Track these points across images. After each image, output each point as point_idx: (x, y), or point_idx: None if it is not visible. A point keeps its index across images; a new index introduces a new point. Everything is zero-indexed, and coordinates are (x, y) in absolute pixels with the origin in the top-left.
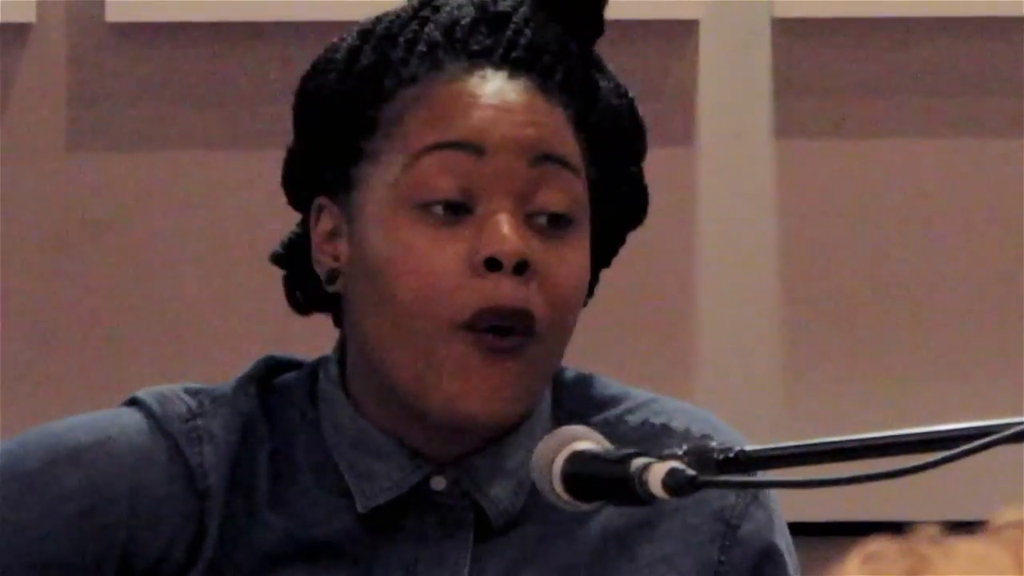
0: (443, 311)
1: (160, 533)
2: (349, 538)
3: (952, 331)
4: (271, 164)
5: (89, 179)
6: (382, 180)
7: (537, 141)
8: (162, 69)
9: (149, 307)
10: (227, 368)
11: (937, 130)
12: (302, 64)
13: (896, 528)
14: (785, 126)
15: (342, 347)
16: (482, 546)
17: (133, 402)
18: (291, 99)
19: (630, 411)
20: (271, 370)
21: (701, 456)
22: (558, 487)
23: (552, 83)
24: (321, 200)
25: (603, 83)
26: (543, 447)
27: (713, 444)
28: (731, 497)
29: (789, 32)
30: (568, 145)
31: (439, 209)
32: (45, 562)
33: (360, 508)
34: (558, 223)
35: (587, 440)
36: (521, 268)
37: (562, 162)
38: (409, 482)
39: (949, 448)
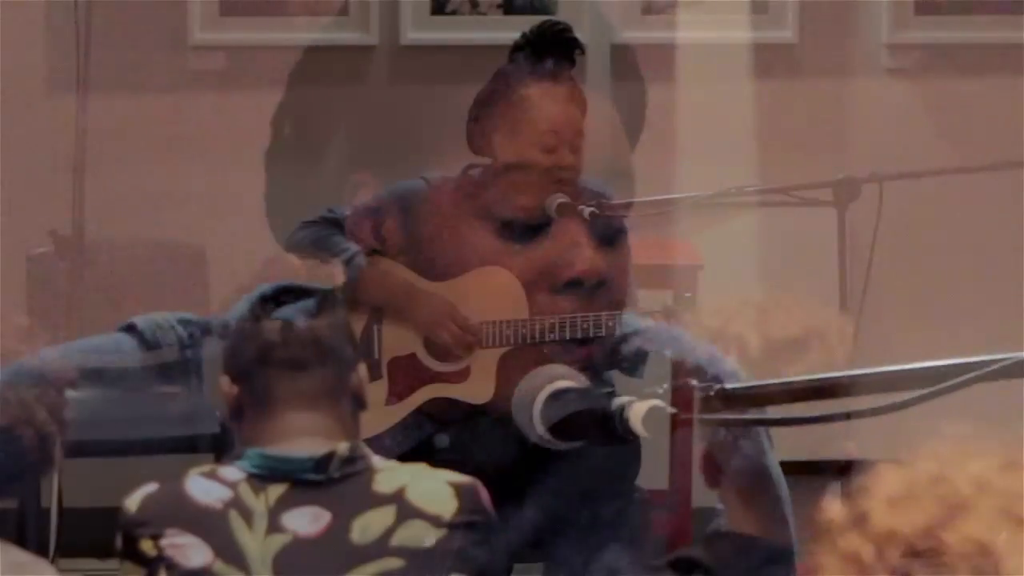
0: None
1: None
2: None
3: (915, 277)
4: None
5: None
6: (455, 184)
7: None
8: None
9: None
10: (210, 303)
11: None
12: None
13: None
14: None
15: (354, 292)
16: None
17: (130, 327)
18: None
19: (624, 339)
20: (269, 300)
21: (682, 394)
22: (539, 427)
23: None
24: (361, 177)
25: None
26: (524, 385)
27: (694, 383)
28: (721, 432)
29: None
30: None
31: (518, 226)
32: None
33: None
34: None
35: (567, 379)
36: (599, 286)
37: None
38: (412, 440)
39: (930, 385)
